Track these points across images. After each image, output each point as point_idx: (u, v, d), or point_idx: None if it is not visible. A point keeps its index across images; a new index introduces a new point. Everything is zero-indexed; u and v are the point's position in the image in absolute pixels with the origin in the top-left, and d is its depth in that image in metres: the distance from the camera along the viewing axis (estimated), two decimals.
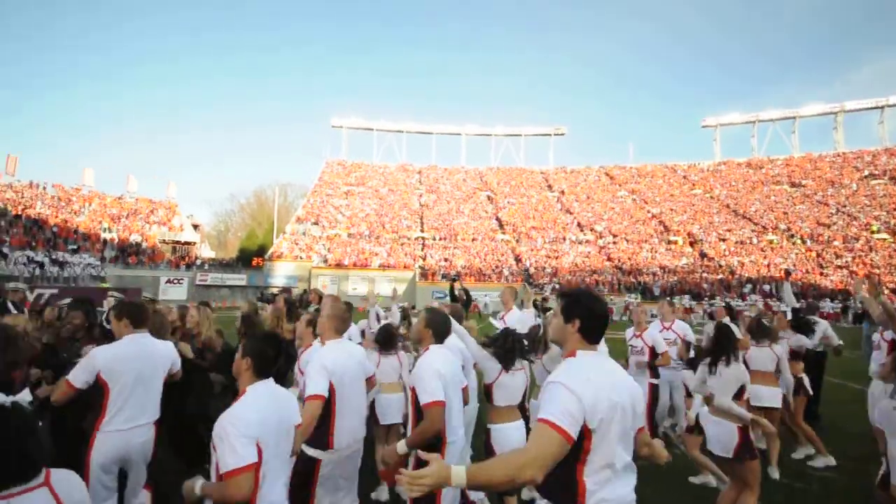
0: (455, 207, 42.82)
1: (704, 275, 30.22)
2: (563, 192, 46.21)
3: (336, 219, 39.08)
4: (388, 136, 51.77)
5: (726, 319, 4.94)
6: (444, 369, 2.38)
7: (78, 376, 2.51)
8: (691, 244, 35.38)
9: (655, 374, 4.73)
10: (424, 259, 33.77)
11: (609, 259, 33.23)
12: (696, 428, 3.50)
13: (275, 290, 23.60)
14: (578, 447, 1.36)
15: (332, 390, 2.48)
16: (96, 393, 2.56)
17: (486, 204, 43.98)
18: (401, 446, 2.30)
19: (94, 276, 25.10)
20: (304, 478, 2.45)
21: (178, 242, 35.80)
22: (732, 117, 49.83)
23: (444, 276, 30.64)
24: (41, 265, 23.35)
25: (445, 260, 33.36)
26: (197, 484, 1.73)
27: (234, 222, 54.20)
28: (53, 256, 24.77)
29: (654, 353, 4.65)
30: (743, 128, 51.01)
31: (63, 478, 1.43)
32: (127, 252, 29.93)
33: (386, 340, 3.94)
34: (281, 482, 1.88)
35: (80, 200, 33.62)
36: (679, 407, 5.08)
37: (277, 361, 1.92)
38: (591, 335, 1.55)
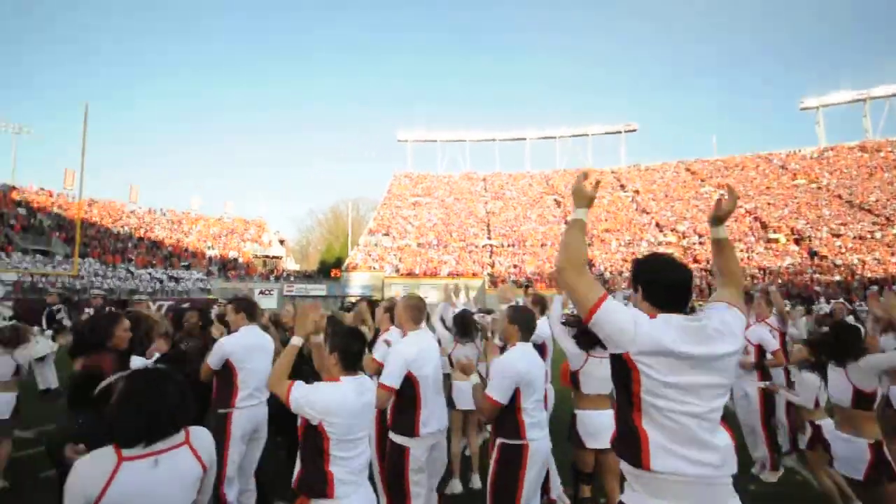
0: (522, 213, 42.35)
1: (816, 276, 26.68)
2: (637, 192, 43.68)
3: (405, 229, 40.52)
4: (451, 146, 52.76)
5: (850, 318, 4.45)
6: (523, 367, 2.39)
7: (213, 360, 3.03)
8: (796, 241, 31.46)
9: (766, 376, 4.26)
10: (493, 266, 33.77)
11: (696, 261, 30.65)
12: (821, 443, 3.15)
13: (352, 299, 25.09)
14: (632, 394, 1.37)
15: (413, 379, 2.60)
16: (227, 374, 3.06)
17: (553, 208, 42.96)
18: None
19: (202, 289, 28.46)
20: (397, 465, 2.60)
21: (267, 257, 39.39)
22: (838, 97, 43.67)
23: (513, 283, 30.41)
24: (160, 281, 27.02)
25: (514, 266, 33.08)
26: None
27: (314, 237, 58.36)
28: (170, 273, 28.54)
29: (761, 352, 4.22)
30: (850, 108, 44.45)
31: (199, 436, 1.53)
32: (227, 267, 33.54)
33: (463, 327, 3.93)
34: (359, 464, 2.00)
35: (188, 223, 38.40)
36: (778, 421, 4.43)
37: (362, 356, 2.09)
38: (658, 301, 1.45)
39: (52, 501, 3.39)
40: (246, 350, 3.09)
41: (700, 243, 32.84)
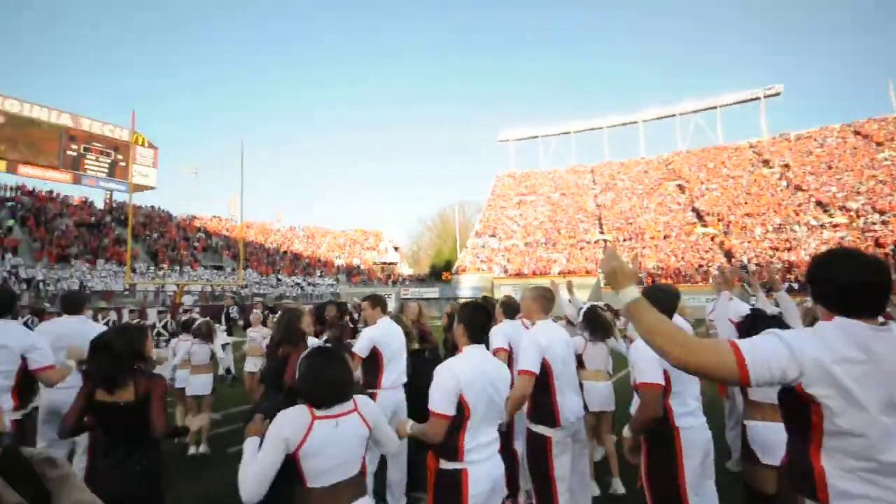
0: (638, 203, 38.81)
1: None
2: (786, 167, 36.69)
3: (511, 229, 40.23)
4: (553, 140, 50.91)
5: None
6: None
7: (361, 348, 3.36)
8: None
9: None
10: None
11: (878, 244, 24.45)
12: None
13: (463, 300, 25.73)
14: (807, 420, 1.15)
15: (548, 367, 2.56)
16: (374, 359, 3.37)
17: (676, 194, 38.48)
18: (625, 431, 2.28)
19: (332, 293, 32.06)
20: (540, 455, 2.56)
21: (384, 263, 42.73)
22: None
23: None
24: (301, 287, 31.15)
25: (632, 261, 30.46)
26: (408, 424, 2.11)
27: (424, 242, 61.51)
28: (307, 280, 32.74)
29: None
30: None
31: (364, 402, 1.81)
32: (352, 273, 37.24)
33: (594, 326, 3.79)
34: (484, 440, 1.98)
35: (319, 236, 43.72)
36: None
37: (486, 328, 2.19)
38: (831, 303, 1.24)
39: (234, 473, 4.13)
40: (388, 336, 3.38)
41: (883, 222, 26.15)
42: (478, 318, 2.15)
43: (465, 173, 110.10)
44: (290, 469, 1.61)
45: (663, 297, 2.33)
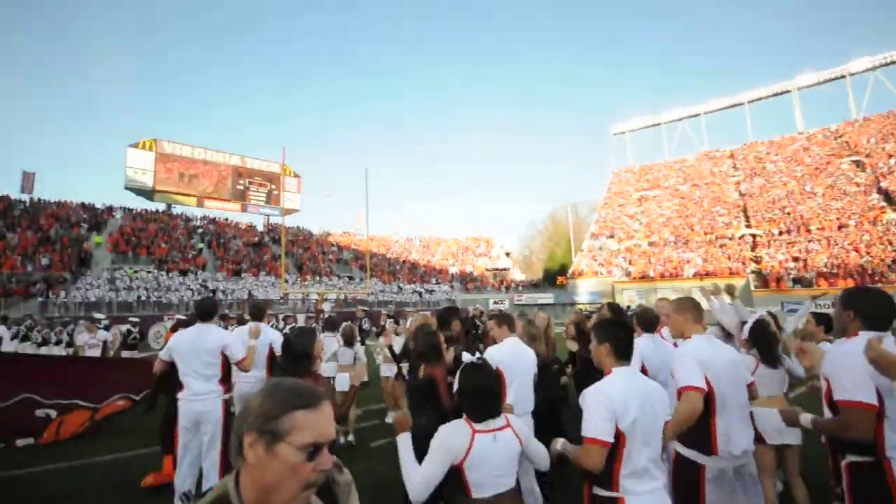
0: (797, 188, 32.32)
1: None
2: None
3: (632, 229, 36.98)
4: (678, 126, 45.44)
5: None
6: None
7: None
8: None
9: None
10: (759, 261, 26.84)
11: None
12: None
13: (582, 306, 24.37)
14: None
15: (708, 385, 2.21)
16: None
17: (852, 174, 31.03)
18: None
19: (448, 300, 33.29)
20: (689, 486, 2.22)
21: (497, 269, 42.90)
22: None
23: (796, 282, 23.30)
24: (420, 294, 33.02)
25: (794, 259, 25.36)
26: (559, 442, 1.97)
27: (535, 246, 60.14)
28: (425, 288, 34.59)
29: None
30: None
31: (514, 418, 1.85)
32: (466, 281, 38.23)
33: (766, 344, 3.04)
34: (642, 467, 1.80)
35: (434, 245, 45.95)
36: None
37: (632, 345, 2.00)
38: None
39: (380, 465, 4.49)
40: (514, 357, 3.31)
41: None
42: (624, 335, 2.02)
43: (575, 173, 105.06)
44: (449, 477, 1.71)
45: (876, 306, 1.88)
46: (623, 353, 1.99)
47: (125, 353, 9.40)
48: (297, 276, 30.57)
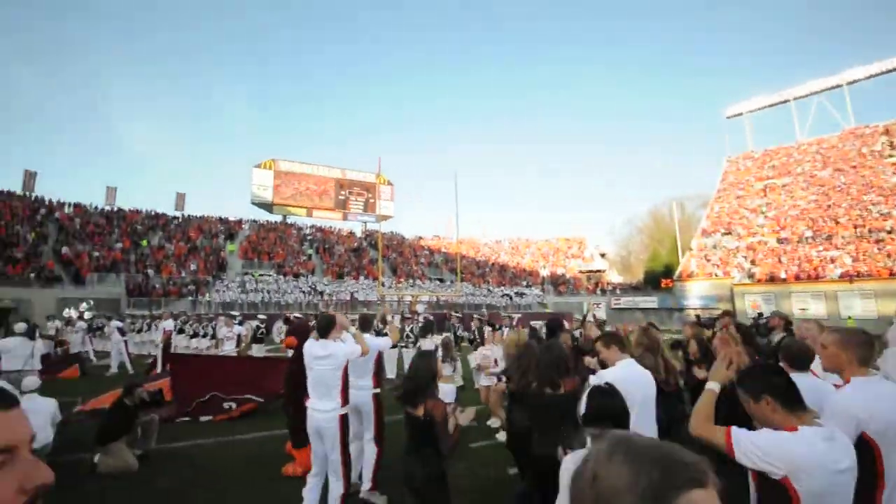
0: None
1: None
2: None
3: (755, 223, 32.28)
4: (812, 100, 38.54)
5: None
6: None
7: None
8: None
9: None
10: None
11: None
12: None
13: (699, 313, 21.81)
14: None
15: (870, 442, 1.75)
16: None
17: None
18: None
19: (540, 304, 32.37)
20: None
21: (591, 271, 40.62)
22: None
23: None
24: (510, 297, 32.62)
25: None
26: None
27: (635, 245, 55.72)
28: (516, 290, 34.08)
29: None
30: None
31: None
32: (557, 283, 36.85)
33: None
34: None
35: (523, 247, 45.13)
36: None
37: (793, 385, 1.61)
38: None
39: (482, 467, 4.46)
40: (628, 382, 2.98)
41: None
42: (779, 380, 1.65)
43: (678, 166, 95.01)
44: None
45: None
46: (791, 400, 1.60)
47: (255, 346, 11.29)
48: (393, 279, 32.27)
